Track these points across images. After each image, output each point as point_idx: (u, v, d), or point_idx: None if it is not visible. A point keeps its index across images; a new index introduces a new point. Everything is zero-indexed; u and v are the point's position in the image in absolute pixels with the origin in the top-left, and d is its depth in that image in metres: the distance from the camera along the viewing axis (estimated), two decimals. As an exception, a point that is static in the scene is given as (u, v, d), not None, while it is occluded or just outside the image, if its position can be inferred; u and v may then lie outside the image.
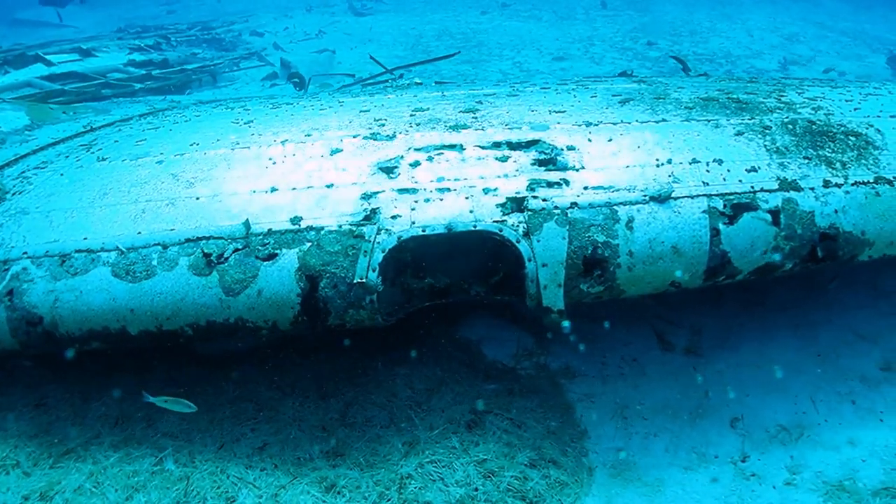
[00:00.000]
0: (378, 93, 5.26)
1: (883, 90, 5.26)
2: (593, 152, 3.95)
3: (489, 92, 4.98)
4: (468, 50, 14.30)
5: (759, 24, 18.85)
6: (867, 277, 5.15)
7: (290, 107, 4.95)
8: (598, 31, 16.89)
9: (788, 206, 3.79)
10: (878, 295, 5.06)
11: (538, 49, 14.48)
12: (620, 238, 3.59)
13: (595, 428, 3.86)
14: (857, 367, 4.39)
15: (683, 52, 14.64)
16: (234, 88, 11.29)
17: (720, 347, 4.40)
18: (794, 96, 4.87)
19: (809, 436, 3.93)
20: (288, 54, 13.64)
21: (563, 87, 5.08)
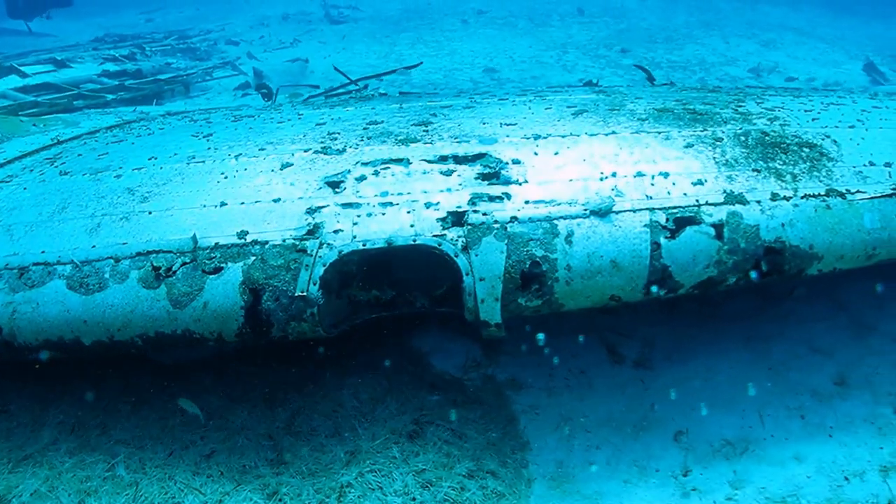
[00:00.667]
0: (339, 105, 5.33)
1: (847, 99, 5.24)
2: (538, 166, 3.99)
3: (446, 104, 5.03)
4: (441, 58, 14.34)
5: (736, 30, 18.76)
6: (826, 289, 5.12)
7: (251, 119, 5.04)
8: (572, 39, 16.84)
9: (733, 220, 3.80)
10: (837, 307, 5.04)
11: (511, 57, 14.45)
12: (559, 252, 3.62)
13: (537, 439, 3.89)
14: (809, 381, 4.38)
15: (657, 60, 14.61)
16: (207, 98, 11.39)
17: (670, 360, 4.41)
18: (753, 106, 4.86)
19: (754, 451, 3.93)
20: (261, 63, 13.73)
21: (520, 99, 5.11)
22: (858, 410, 4.23)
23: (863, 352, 4.62)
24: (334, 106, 5.31)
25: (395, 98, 5.68)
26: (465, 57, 14.51)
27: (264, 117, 5.07)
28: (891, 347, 4.70)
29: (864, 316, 4.95)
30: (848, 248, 3.95)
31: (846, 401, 4.28)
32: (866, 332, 4.80)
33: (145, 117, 5.68)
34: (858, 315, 4.95)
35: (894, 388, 4.42)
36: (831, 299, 5.06)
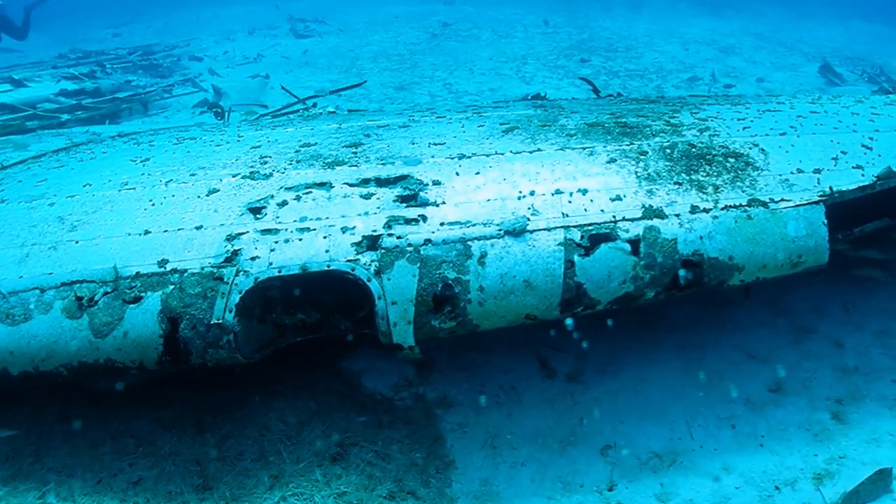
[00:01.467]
0: (281, 126, 5.37)
1: (786, 105, 5.22)
2: (458, 186, 4.01)
3: (384, 123, 5.05)
4: (402, 72, 14.33)
5: (697, 37, 18.72)
6: (767, 294, 5.11)
7: (192, 142, 5.09)
8: (533, 50, 16.78)
9: (650, 235, 3.80)
10: (778, 312, 5.03)
11: (471, 70, 14.42)
12: (471, 274, 3.64)
13: (463, 458, 3.91)
14: (742, 389, 4.39)
15: (616, 69, 14.59)
16: (166, 117, 11.36)
17: (603, 373, 4.42)
18: (686, 117, 4.85)
19: (682, 462, 3.93)
20: (222, 80, 13.67)
21: (458, 116, 5.13)
22: (793, 417, 4.23)
23: (801, 356, 4.62)
24: (276, 127, 5.34)
25: (339, 116, 5.70)
26: (425, 70, 14.48)
27: (205, 140, 5.11)
28: (830, 351, 4.70)
29: (804, 319, 4.94)
30: (771, 257, 3.94)
31: (781, 408, 4.28)
32: (806, 336, 4.80)
33: (95, 139, 5.74)
34: (799, 319, 4.94)
35: (833, 392, 4.41)
36: (772, 304, 5.05)
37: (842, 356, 4.73)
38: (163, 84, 12.71)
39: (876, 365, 4.71)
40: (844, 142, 4.63)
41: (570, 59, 15.73)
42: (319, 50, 17.44)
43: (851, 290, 5.24)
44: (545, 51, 16.13)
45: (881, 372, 4.66)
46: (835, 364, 4.67)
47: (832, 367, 4.64)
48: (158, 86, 12.46)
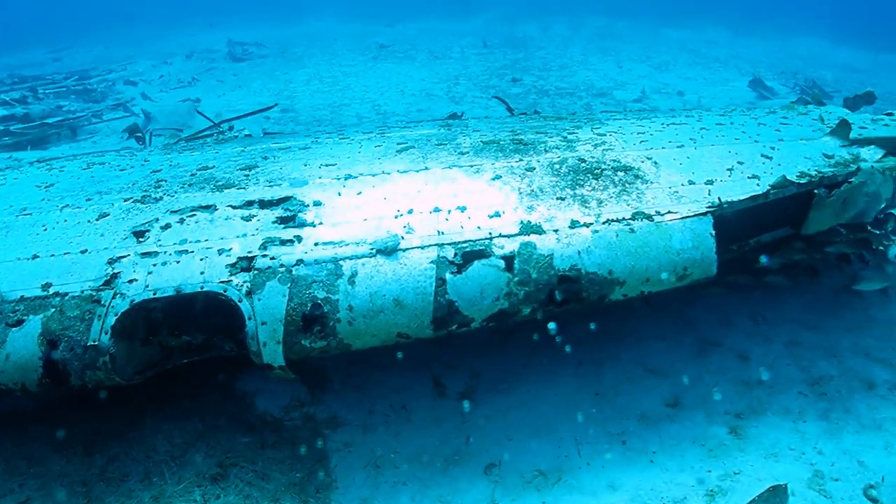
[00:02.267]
0: (188, 150, 5.44)
1: (693, 118, 5.20)
2: (338, 206, 4.04)
3: (286, 145, 5.10)
4: (334, 94, 14.40)
5: (632, 55, 18.75)
6: (674, 307, 5.08)
7: (100, 167, 5.17)
8: (467, 70, 16.79)
9: (525, 251, 3.80)
10: (684, 325, 4.99)
11: (402, 91, 14.48)
12: (341, 293, 3.66)
13: (345, 477, 3.91)
14: (638, 404, 4.35)
15: (546, 87, 14.63)
16: (94, 142, 11.34)
17: (496, 390, 4.40)
18: (586, 133, 4.86)
19: (568, 480, 3.90)
20: (153, 104, 13.71)
21: (360, 137, 5.17)
22: (688, 432, 4.19)
23: (703, 370, 4.58)
24: (185, 151, 5.41)
25: (248, 140, 5.76)
26: (356, 92, 14.53)
27: (112, 164, 5.19)
28: (734, 363, 4.65)
29: (710, 332, 4.90)
30: (654, 270, 3.92)
31: (676, 423, 4.24)
32: (710, 349, 4.76)
33: (14, 165, 5.83)
34: (705, 331, 4.90)
35: (733, 405, 4.36)
36: (678, 317, 5.01)
37: (746, 369, 4.68)
38: (93, 109, 12.70)
39: (782, 377, 4.66)
40: (744, 152, 4.61)
41: (502, 78, 15.66)
42: (255, 73, 17.40)
43: (763, 301, 5.19)
44: (479, 71, 16.33)
45: (787, 384, 4.61)
46: (737, 377, 4.62)
47: (734, 380, 4.59)
48: (88, 111, 12.46)
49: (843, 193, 4.37)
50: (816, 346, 4.92)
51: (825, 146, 4.87)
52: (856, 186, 4.40)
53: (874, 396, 4.60)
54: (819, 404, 4.50)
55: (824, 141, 4.94)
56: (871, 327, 5.16)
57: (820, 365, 4.76)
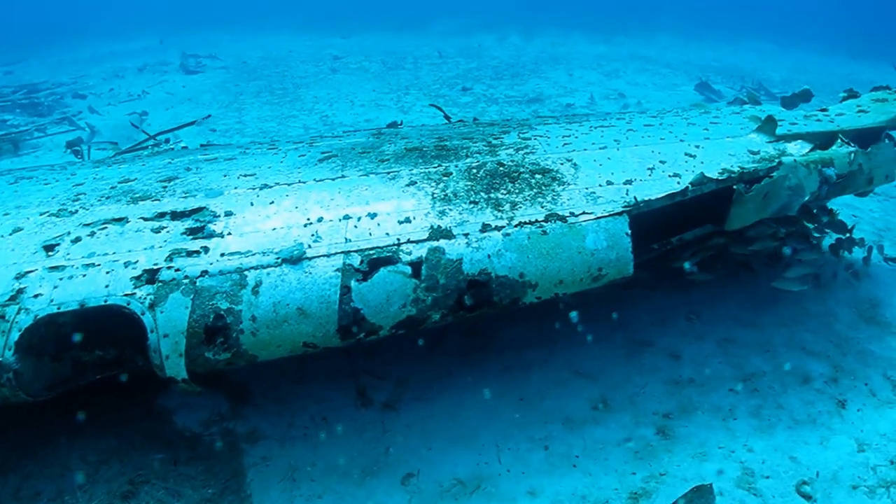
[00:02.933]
0: (118, 163, 5.40)
1: (623, 121, 5.18)
2: (248, 217, 3.99)
3: (212, 157, 5.07)
4: (283, 105, 14.38)
5: (584, 63, 18.82)
6: (607, 308, 5.03)
7: (28, 182, 5.12)
8: (419, 80, 16.78)
9: (433, 257, 3.75)
10: (616, 326, 4.94)
11: (351, 102, 14.47)
12: (244, 304, 3.61)
13: (261, 492, 3.84)
14: (564, 408, 4.29)
15: (496, 95, 14.66)
16: (36, 156, 11.16)
17: (420, 399, 4.34)
18: (512, 138, 4.83)
19: (487, 488, 3.84)
20: (101, 117, 13.55)
21: (289, 147, 5.14)
22: (614, 435, 4.13)
23: (633, 371, 4.53)
24: (114, 164, 5.38)
25: (181, 152, 5.72)
26: (306, 103, 14.45)
27: (39, 179, 5.15)
28: (665, 363, 4.60)
29: (643, 333, 4.85)
30: (567, 272, 3.87)
31: (601, 425, 4.18)
32: (642, 350, 4.71)
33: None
34: (638, 332, 4.85)
35: (662, 406, 4.31)
36: (610, 318, 4.95)
37: (677, 368, 4.63)
38: (38, 123, 12.51)
39: (714, 375, 4.60)
40: (667, 152, 4.57)
41: (453, 88, 15.86)
42: (205, 86, 17.16)
43: (699, 300, 5.14)
44: (430, 81, 16.36)
45: (719, 382, 4.56)
46: (668, 377, 4.56)
47: (665, 380, 4.54)
48: (32, 125, 12.28)
49: (763, 188, 4.34)
50: (751, 343, 4.87)
51: (751, 143, 4.84)
52: (777, 180, 4.36)
53: (809, 391, 4.55)
54: (751, 401, 4.44)
55: (751, 138, 4.91)
56: (807, 321, 5.11)
57: (753, 361, 4.71)
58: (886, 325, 5.23)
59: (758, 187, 4.29)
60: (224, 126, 12.19)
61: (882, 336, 5.10)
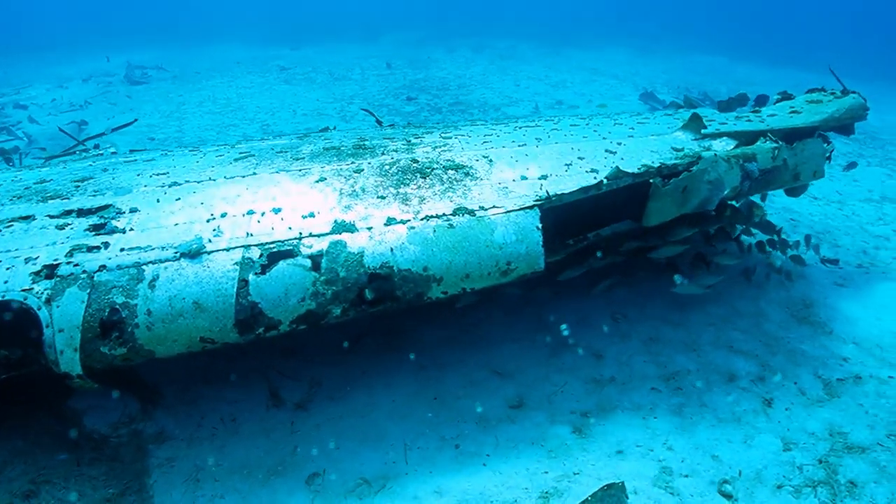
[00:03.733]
0: (47, 166, 5.39)
1: (549, 123, 5.19)
2: (153, 213, 3.97)
3: (131, 159, 5.06)
4: (225, 115, 14.35)
5: (532, 74, 18.88)
6: (533, 309, 4.96)
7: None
8: (365, 90, 16.75)
9: (334, 250, 3.71)
10: (540, 327, 4.87)
11: (294, 111, 14.40)
12: (140, 298, 3.56)
13: (163, 493, 3.77)
14: (478, 407, 4.21)
15: (439, 105, 14.66)
16: None
17: (332, 399, 4.28)
18: (433, 137, 4.83)
19: (392, 487, 3.76)
20: (42, 126, 13.40)
21: (210, 149, 5.13)
22: (528, 433, 4.05)
23: (552, 370, 4.46)
24: (44, 167, 5.36)
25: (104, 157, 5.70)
26: (248, 113, 14.34)
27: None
28: (587, 363, 4.53)
29: (567, 333, 4.77)
30: (474, 265, 3.83)
31: (516, 424, 4.10)
32: (564, 350, 4.64)
33: None
34: (560, 332, 4.76)
35: (580, 404, 4.23)
36: (537, 319, 4.89)
37: (599, 367, 4.56)
38: None
39: (637, 373, 4.53)
40: (587, 149, 4.55)
41: (398, 97, 15.83)
42: (149, 96, 16.99)
43: (627, 300, 5.08)
44: (376, 91, 16.25)
45: (641, 380, 4.48)
46: (588, 376, 4.49)
47: (585, 379, 4.47)
48: None
49: (681, 182, 4.30)
50: (676, 342, 4.80)
51: (676, 140, 4.82)
52: (695, 174, 4.33)
53: (735, 389, 4.47)
54: (673, 399, 4.36)
55: (676, 136, 4.89)
56: (737, 321, 5.05)
57: (678, 360, 4.64)
58: (820, 325, 5.16)
59: (675, 181, 4.26)
60: (163, 135, 12.16)
61: (815, 336, 5.03)
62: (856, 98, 5.40)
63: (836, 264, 6.29)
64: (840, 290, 5.71)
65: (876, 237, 7.29)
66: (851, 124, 5.35)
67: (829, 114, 5.22)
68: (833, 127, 5.27)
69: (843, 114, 5.26)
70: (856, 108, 5.34)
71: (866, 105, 5.38)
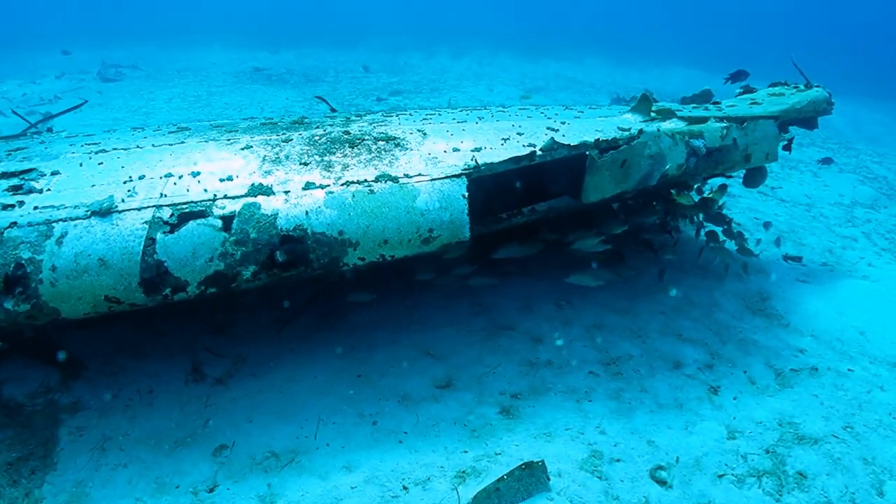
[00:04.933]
0: None
1: (504, 112, 5.11)
2: (72, 176, 3.93)
3: (74, 135, 5.05)
4: (192, 111, 14.29)
5: (507, 80, 18.85)
6: (473, 293, 4.81)
7: None
8: (336, 91, 16.75)
9: (247, 211, 3.63)
10: (479, 311, 4.72)
11: (261, 108, 14.34)
12: (46, 253, 3.49)
13: (69, 460, 3.65)
14: (403, 385, 4.07)
15: (409, 106, 14.60)
16: None
17: (254, 375, 4.15)
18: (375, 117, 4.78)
19: (301, 461, 3.60)
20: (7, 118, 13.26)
21: (151, 127, 5.12)
22: (452, 413, 3.88)
23: (486, 352, 4.28)
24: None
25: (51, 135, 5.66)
26: (215, 109, 14.26)
27: None
28: (524, 346, 4.37)
29: (507, 317, 4.62)
30: (393, 231, 3.71)
31: (440, 403, 3.94)
32: (501, 333, 4.48)
33: None
34: (502, 317, 4.62)
35: (512, 386, 4.07)
36: (477, 304, 4.74)
37: (536, 351, 4.38)
38: None
39: (575, 358, 4.35)
40: (528, 126, 4.46)
41: (367, 98, 15.71)
42: (119, 92, 16.94)
43: (573, 287, 4.89)
44: (347, 92, 16.29)
45: (580, 364, 4.30)
46: (524, 359, 4.31)
47: (520, 362, 4.29)
48: None
49: (619, 154, 4.17)
50: (621, 329, 4.61)
51: (623, 122, 4.70)
52: (635, 147, 4.20)
53: (680, 376, 4.27)
54: (612, 384, 4.17)
55: (624, 117, 4.77)
56: (690, 310, 4.85)
57: (621, 346, 4.45)
58: (776, 316, 4.94)
59: (613, 153, 4.13)
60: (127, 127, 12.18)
61: (769, 327, 4.81)
62: (819, 91, 5.24)
63: (798, 262, 6.05)
64: (801, 285, 5.48)
65: (843, 238, 7.05)
66: (815, 118, 5.19)
67: (790, 105, 5.06)
68: (795, 119, 5.11)
69: (804, 105, 5.11)
70: (819, 100, 5.18)
71: (830, 99, 5.22)
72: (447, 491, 3.43)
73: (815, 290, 5.40)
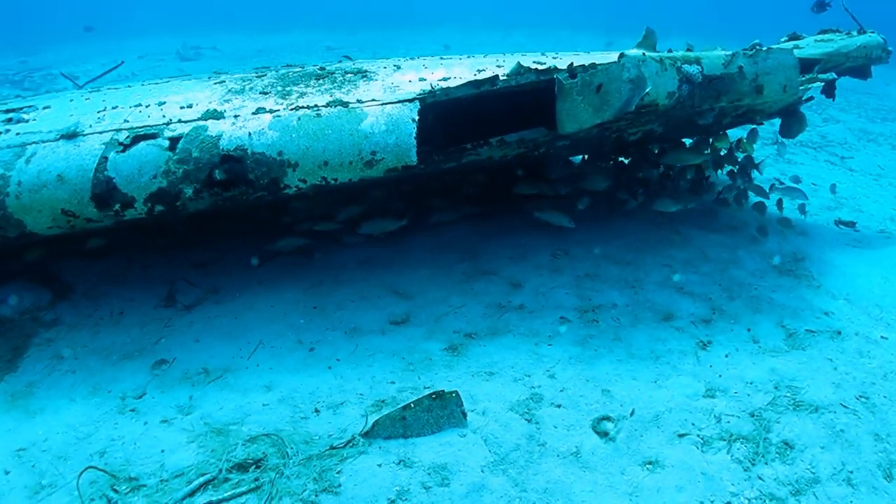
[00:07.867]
0: None
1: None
2: (60, 110, 4.25)
3: None
4: None
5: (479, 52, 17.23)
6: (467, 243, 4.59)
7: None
8: None
9: (193, 133, 3.75)
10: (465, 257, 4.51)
11: None
12: (16, 170, 3.80)
13: (30, 365, 3.90)
14: (356, 319, 4.00)
15: None
16: None
17: (218, 303, 4.21)
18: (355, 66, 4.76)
19: (227, 378, 3.63)
20: None
21: None
22: (394, 346, 3.76)
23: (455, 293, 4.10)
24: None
25: None
26: None
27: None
28: (499, 289, 4.26)
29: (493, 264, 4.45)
30: (334, 153, 3.68)
31: (386, 336, 3.82)
32: (480, 278, 4.33)
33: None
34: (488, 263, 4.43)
35: (471, 326, 3.87)
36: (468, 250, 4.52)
37: (510, 295, 4.11)
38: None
39: (551, 304, 4.03)
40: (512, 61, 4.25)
41: None
42: (191, 69, 16.88)
43: (575, 237, 4.52)
44: None
45: (553, 310, 3.98)
46: (493, 301, 4.06)
47: (488, 304, 4.04)
48: None
49: (591, 77, 3.82)
50: (615, 279, 4.20)
51: (624, 55, 4.30)
52: (611, 69, 3.83)
53: (667, 328, 3.82)
54: (581, 330, 3.80)
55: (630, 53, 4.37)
56: (701, 265, 4.31)
57: (608, 294, 4.07)
58: (807, 277, 4.26)
59: (583, 76, 3.79)
60: None
61: (794, 287, 4.15)
62: (872, 36, 4.51)
63: (852, 227, 5.17)
64: (846, 248, 4.68)
65: (912, 209, 5.96)
66: (868, 66, 4.46)
67: (836, 48, 4.40)
68: (844, 66, 4.43)
69: (852, 50, 4.41)
70: (872, 46, 4.47)
71: (887, 46, 4.47)
72: (357, 417, 3.23)
73: (861, 254, 4.60)
